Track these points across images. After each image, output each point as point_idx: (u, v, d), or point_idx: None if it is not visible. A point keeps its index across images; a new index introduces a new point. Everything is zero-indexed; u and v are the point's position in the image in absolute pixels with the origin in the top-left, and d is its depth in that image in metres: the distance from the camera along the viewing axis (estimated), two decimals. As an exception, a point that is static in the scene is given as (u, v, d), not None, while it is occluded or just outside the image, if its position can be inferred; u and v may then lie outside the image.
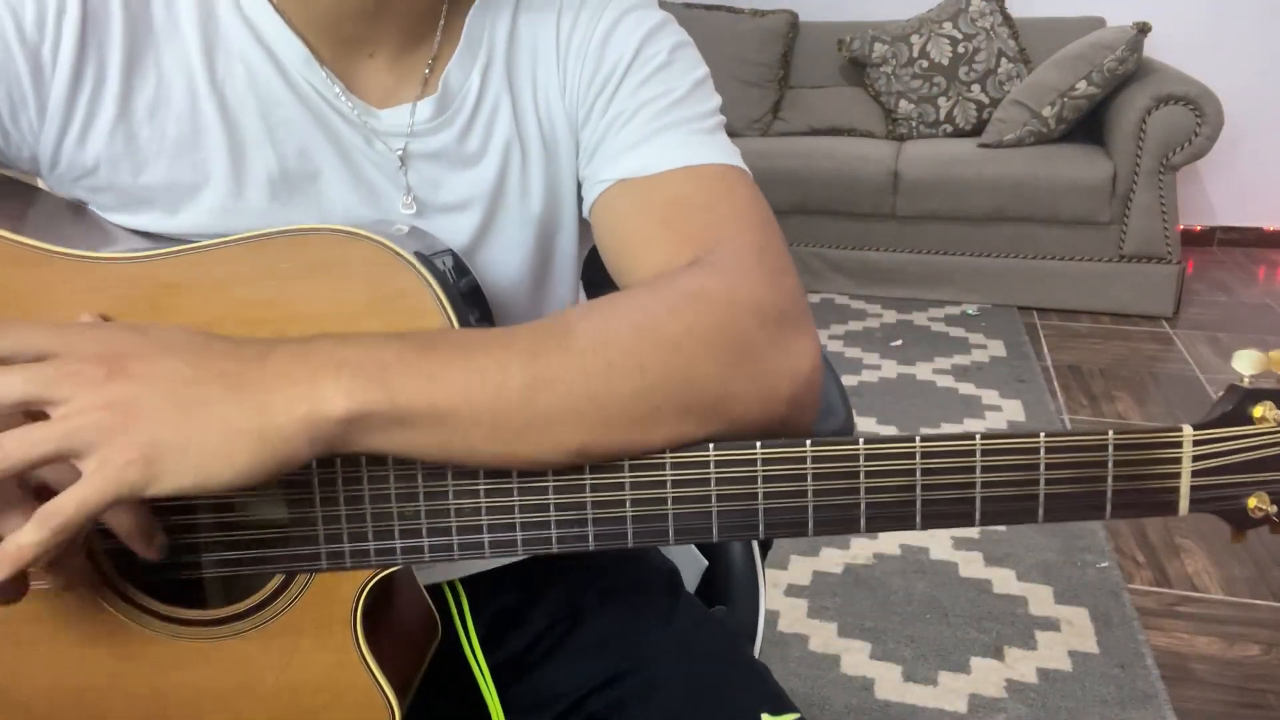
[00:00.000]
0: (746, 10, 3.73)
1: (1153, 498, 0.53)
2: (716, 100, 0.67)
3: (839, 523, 0.53)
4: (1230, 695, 1.54)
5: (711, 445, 0.52)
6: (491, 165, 0.66)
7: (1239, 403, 0.53)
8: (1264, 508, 0.53)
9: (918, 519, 0.53)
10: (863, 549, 1.93)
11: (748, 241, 0.59)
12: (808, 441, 0.52)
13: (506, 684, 0.69)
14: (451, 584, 0.70)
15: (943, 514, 0.53)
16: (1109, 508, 0.53)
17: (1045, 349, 2.90)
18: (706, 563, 0.87)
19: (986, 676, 1.58)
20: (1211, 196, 3.79)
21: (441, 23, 0.65)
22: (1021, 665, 1.60)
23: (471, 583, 0.70)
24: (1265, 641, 1.65)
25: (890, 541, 1.96)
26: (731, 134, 0.67)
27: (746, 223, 0.61)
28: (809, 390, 0.56)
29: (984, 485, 0.52)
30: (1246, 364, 0.54)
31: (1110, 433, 0.52)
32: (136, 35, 0.59)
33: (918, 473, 0.52)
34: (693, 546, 0.86)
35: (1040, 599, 1.77)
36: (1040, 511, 0.53)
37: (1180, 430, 0.53)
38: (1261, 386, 0.53)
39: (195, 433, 0.45)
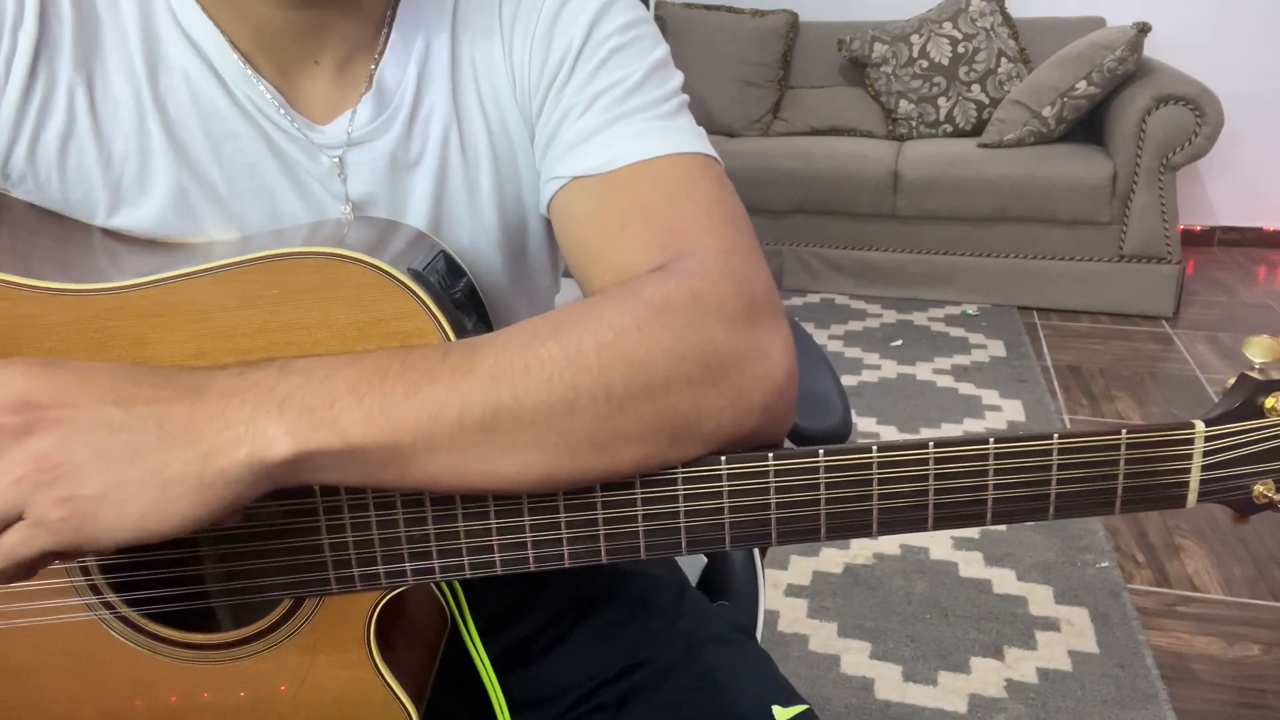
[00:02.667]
0: (746, 10, 3.72)
1: (1162, 492, 0.53)
2: (677, 79, 0.63)
3: (852, 528, 0.52)
4: (1230, 695, 1.54)
5: (724, 458, 0.51)
6: (430, 167, 0.63)
7: (1251, 394, 0.53)
8: (1269, 494, 0.53)
9: (929, 522, 0.52)
10: (863, 549, 1.93)
11: (712, 243, 0.56)
12: (820, 450, 0.51)
13: (507, 673, 0.68)
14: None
15: (955, 516, 0.53)
16: (1118, 503, 0.53)
17: (1045, 349, 2.90)
18: (706, 560, 0.87)
19: (986, 676, 1.58)
20: (1211, 196, 3.79)
21: (387, 26, 0.63)
22: (1021, 665, 1.60)
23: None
24: (1265, 641, 1.65)
25: (890, 541, 1.95)
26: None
27: (710, 221, 0.57)
28: (782, 396, 0.54)
29: (996, 487, 0.52)
30: (1259, 352, 0.53)
31: (1124, 432, 0.52)
32: (87, 49, 0.58)
33: (930, 478, 0.52)
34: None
35: (1040, 599, 1.77)
36: (1051, 510, 0.53)
37: (1193, 427, 0.52)
38: (1273, 377, 0.53)
39: (130, 484, 0.43)
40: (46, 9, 0.57)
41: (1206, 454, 0.53)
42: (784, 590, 1.82)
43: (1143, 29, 2.99)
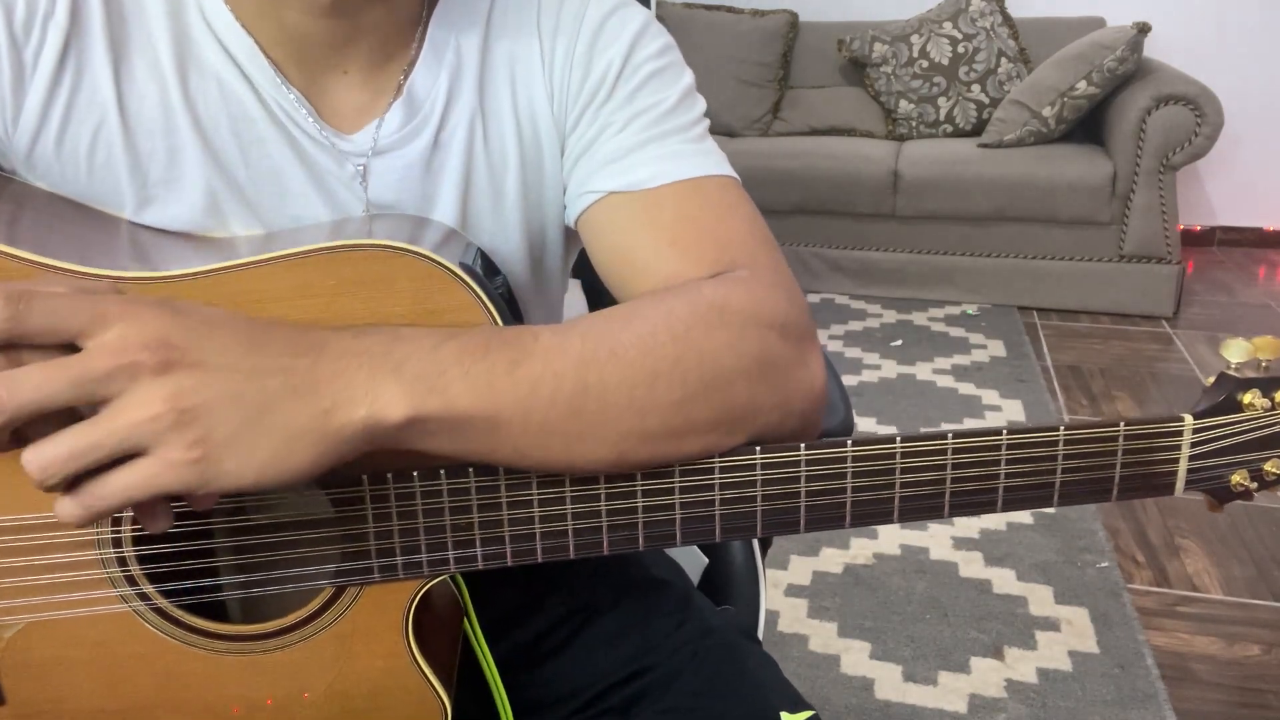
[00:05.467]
0: (746, 10, 3.72)
1: (1154, 481, 0.58)
2: (703, 104, 0.67)
3: (874, 515, 0.56)
4: (1230, 695, 1.54)
5: (758, 448, 0.54)
6: (455, 173, 0.64)
7: (1230, 391, 0.58)
8: (1244, 483, 0.59)
9: (946, 509, 0.56)
10: (863, 549, 1.93)
11: (761, 259, 0.61)
12: (849, 441, 0.54)
13: (512, 675, 0.68)
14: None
15: (968, 503, 0.56)
16: (1115, 491, 0.57)
17: (1045, 349, 2.90)
18: (707, 561, 0.87)
19: (986, 676, 1.58)
20: (1211, 196, 3.79)
21: (419, 32, 0.64)
22: (1021, 665, 1.60)
23: (472, 575, 0.70)
24: (1265, 641, 1.65)
25: (890, 541, 1.95)
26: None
27: (754, 239, 0.62)
28: (819, 404, 0.58)
29: (1008, 476, 0.56)
30: (1234, 353, 0.58)
31: (1122, 424, 0.56)
32: (116, 46, 0.58)
33: (948, 467, 0.55)
34: (694, 545, 0.86)
35: (1040, 599, 1.77)
36: (1055, 498, 0.57)
37: (1182, 420, 0.57)
38: (1247, 375, 0.58)
39: (258, 432, 0.44)
40: (78, 3, 0.57)
41: (1194, 444, 0.58)
42: (784, 590, 1.82)
43: (1143, 29, 3.00)
